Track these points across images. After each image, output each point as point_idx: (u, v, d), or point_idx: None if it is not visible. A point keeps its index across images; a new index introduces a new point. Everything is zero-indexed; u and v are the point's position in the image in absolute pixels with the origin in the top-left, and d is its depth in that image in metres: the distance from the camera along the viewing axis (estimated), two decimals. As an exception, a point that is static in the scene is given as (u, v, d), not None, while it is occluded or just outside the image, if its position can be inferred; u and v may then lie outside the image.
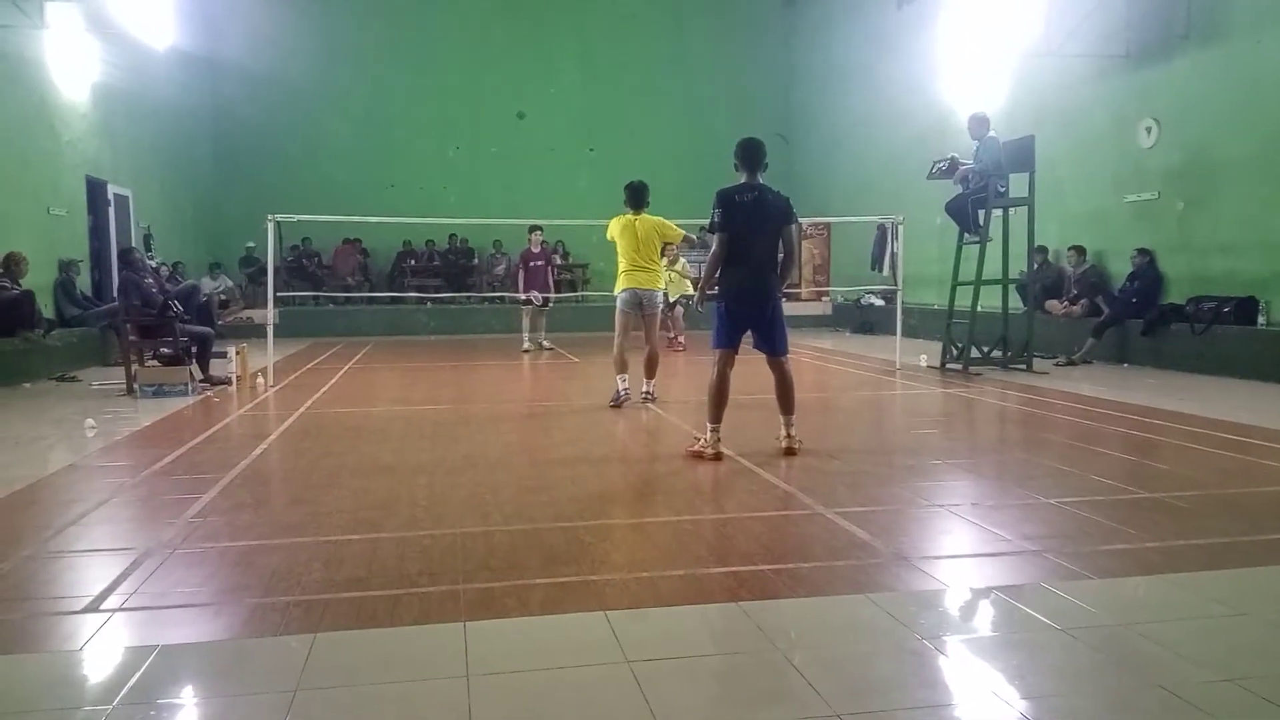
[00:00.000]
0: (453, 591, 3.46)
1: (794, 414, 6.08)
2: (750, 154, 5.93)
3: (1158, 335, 10.75)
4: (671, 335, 13.50)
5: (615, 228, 8.14)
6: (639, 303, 8.08)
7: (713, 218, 5.82)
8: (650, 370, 8.27)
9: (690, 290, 12.41)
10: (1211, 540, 4.06)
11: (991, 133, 10.46)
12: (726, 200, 5.80)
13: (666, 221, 8.17)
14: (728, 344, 5.99)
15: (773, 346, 6.08)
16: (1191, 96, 10.89)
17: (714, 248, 5.87)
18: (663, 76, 21.32)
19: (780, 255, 6.01)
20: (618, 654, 2.88)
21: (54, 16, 11.60)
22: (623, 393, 8.16)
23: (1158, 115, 11.36)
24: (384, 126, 20.38)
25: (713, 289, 6.03)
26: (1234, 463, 5.74)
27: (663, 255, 8.55)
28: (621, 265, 8.10)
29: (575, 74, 21.11)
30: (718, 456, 5.81)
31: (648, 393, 8.26)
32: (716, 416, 5.92)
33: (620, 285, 8.12)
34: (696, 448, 5.90)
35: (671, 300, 12.86)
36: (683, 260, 13.66)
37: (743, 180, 5.88)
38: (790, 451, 5.92)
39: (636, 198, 8.11)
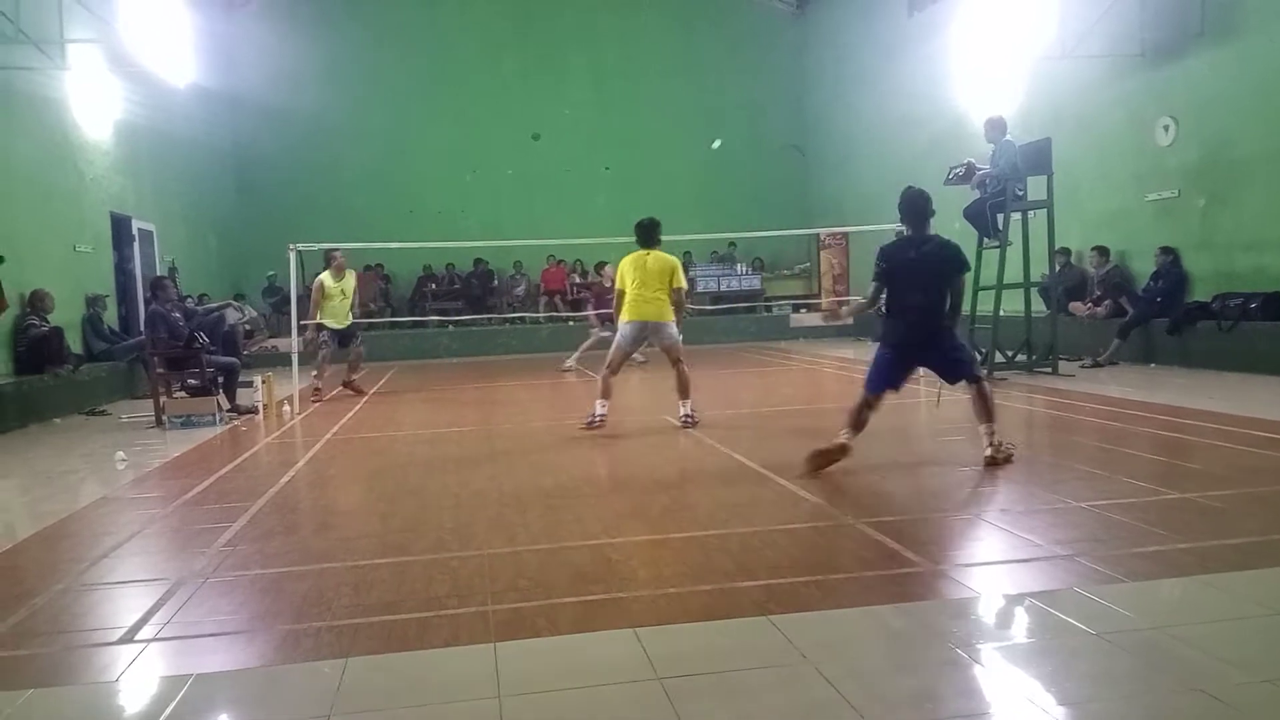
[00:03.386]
0: (482, 613, 3.47)
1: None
2: None
3: (1184, 334, 10.64)
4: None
5: (625, 264, 7.94)
6: (643, 336, 7.90)
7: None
8: (683, 392, 7.91)
9: None
10: (1245, 540, 4.00)
11: (1008, 136, 10.42)
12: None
13: (679, 266, 7.95)
14: None
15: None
16: (1209, 93, 10.80)
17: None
18: (675, 91, 21.38)
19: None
20: (648, 671, 2.87)
21: (75, 57, 11.81)
22: (598, 418, 7.72)
23: (1175, 113, 11.27)
24: (401, 153, 20.57)
25: None
26: (1266, 460, 5.67)
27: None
28: (628, 296, 7.84)
29: (588, 93, 21.24)
30: None
31: (688, 416, 7.82)
32: None
33: (626, 315, 7.85)
34: None
35: None
36: None
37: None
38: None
39: (648, 235, 7.92)
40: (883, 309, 5.97)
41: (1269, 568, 3.64)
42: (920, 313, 5.75)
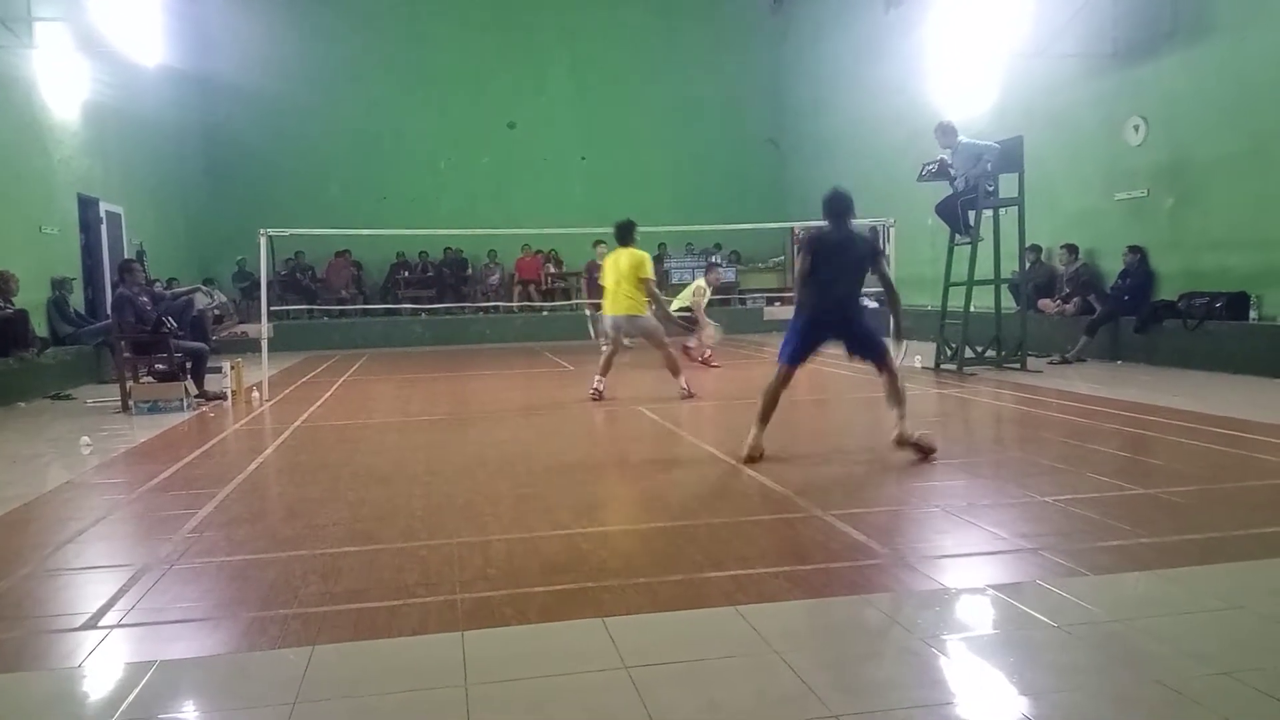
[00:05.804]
0: (450, 601, 3.47)
1: None
2: None
3: (1150, 332, 10.78)
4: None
5: (605, 262, 9.12)
6: (617, 326, 8.94)
7: None
8: (673, 371, 9.01)
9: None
10: (1206, 535, 4.07)
11: (962, 138, 10.53)
12: None
13: (645, 260, 8.81)
14: None
15: None
16: (1179, 94, 10.93)
17: None
18: (653, 83, 21.35)
19: None
20: (616, 660, 2.88)
21: (43, 36, 11.61)
22: (596, 390, 8.89)
23: (1146, 113, 11.40)
24: (375, 139, 20.40)
25: None
26: (1228, 457, 5.76)
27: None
28: (606, 292, 8.98)
29: (566, 83, 21.16)
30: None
31: (684, 389, 8.90)
32: None
33: (604, 310, 9.12)
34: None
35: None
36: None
37: None
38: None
39: (623, 235, 8.92)
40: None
41: (1229, 562, 3.70)
42: (835, 286, 6.13)
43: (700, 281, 12.74)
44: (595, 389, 8.92)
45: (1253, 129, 10.08)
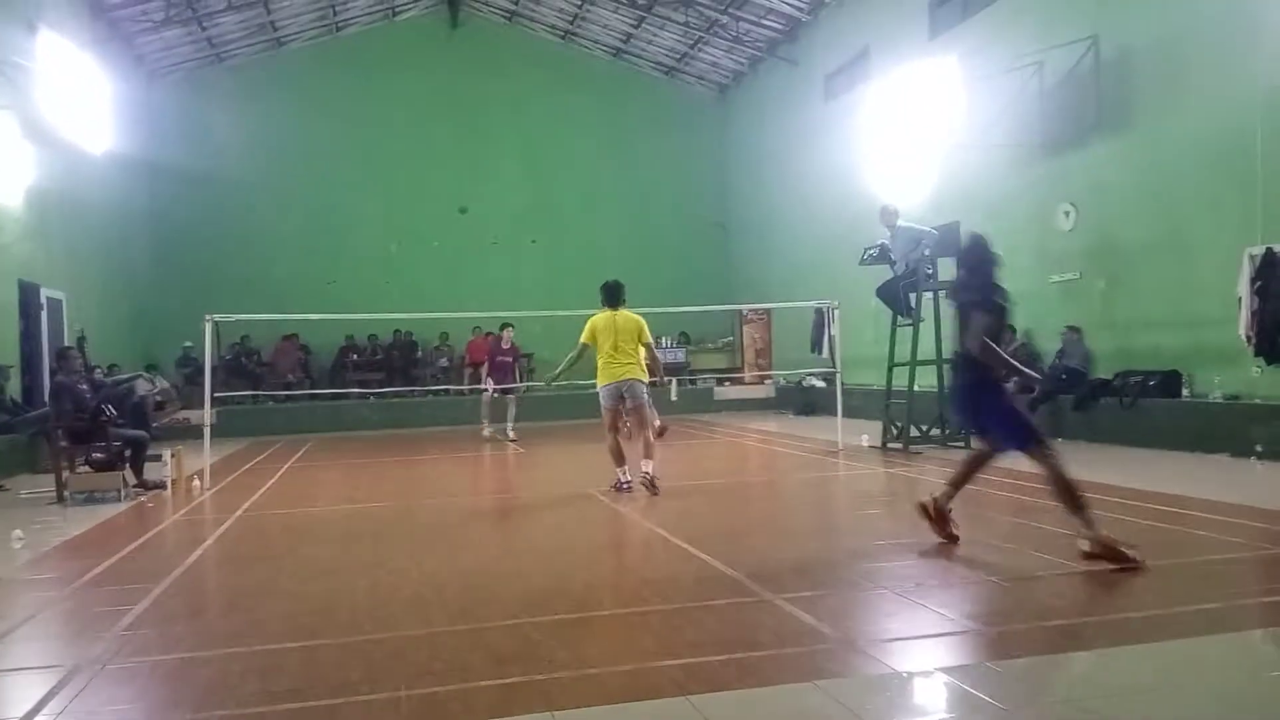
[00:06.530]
0: (394, 699, 3.38)
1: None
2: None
3: (1088, 410, 11.03)
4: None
5: (597, 323, 8.15)
6: (620, 395, 8.11)
7: None
8: (647, 453, 8.17)
9: None
10: (1147, 613, 4.14)
11: (901, 221, 10.93)
12: None
13: (645, 324, 8.25)
14: None
15: None
16: (1105, 181, 11.41)
17: None
18: (602, 168, 21.79)
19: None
20: (564, 756, 2.83)
21: (-13, 123, 11.54)
22: (625, 483, 8.09)
23: (1075, 200, 11.87)
24: (324, 223, 20.44)
25: None
26: (1167, 534, 5.88)
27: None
28: (603, 359, 8.10)
29: (516, 167, 21.49)
30: None
31: (647, 474, 8.01)
32: None
33: (602, 379, 8.13)
34: None
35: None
36: None
37: None
38: None
39: (614, 296, 8.25)
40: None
41: (1170, 640, 3.76)
42: (958, 359, 5.63)
43: None
44: (622, 482, 8.13)
45: (1171, 214, 10.55)
